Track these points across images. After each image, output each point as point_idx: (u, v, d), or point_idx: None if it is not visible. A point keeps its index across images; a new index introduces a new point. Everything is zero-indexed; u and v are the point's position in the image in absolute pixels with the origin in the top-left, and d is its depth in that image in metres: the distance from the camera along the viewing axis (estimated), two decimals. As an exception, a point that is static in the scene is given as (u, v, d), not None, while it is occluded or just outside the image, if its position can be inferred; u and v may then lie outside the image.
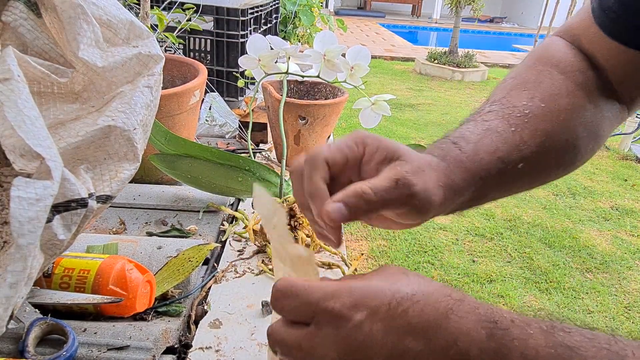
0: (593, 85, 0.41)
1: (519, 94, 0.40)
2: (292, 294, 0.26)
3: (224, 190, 0.73)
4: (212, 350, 0.49)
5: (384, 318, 0.24)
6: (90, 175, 0.34)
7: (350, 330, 0.24)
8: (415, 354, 0.24)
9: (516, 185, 0.40)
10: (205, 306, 0.55)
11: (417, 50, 7.44)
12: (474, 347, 0.24)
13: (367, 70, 0.82)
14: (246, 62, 0.84)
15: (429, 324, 0.24)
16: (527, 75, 0.42)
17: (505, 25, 12.60)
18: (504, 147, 0.36)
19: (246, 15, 1.11)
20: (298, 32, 2.31)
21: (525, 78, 0.41)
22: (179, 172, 0.71)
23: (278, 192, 0.71)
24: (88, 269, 0.49)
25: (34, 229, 0.26)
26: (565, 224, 2.58)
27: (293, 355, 0.26)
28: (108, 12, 0.40)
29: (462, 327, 0.25)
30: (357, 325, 0.24)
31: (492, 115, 0.39)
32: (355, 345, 0.24)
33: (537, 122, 0.38)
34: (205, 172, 0.69)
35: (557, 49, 0.43)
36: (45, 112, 0.36)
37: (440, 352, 0.24)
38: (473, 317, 0.25)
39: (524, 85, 0.41)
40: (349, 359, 0.24)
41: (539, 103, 0.39)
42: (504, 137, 0.37)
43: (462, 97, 5.05)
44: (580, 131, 0.40)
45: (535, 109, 0.39)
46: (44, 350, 0.44)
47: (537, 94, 0.40)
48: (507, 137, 0.37)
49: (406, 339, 0.24)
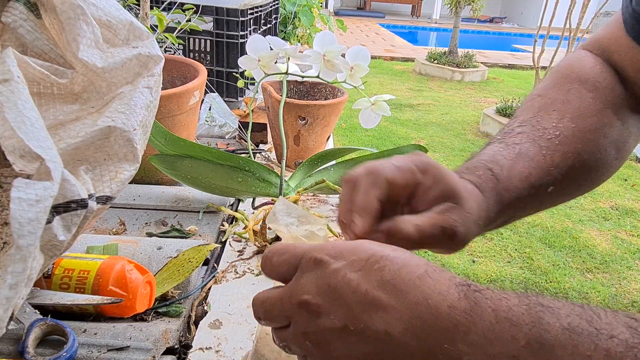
0: (621, 102, 0.41)
1: (549, 114, 0.40)
2: (281, 250, 0.28)
3: (224, 191, 0.73)
4: (212, 350, 0.49)
5: (360, 269, 0.25)
6: (90, 176, 0.34)
7: (327, 273, 0.26)
8: (384, 305, 0.25)
9: (543, 205, 0.40)
10: (205, 307, 0.55)
11: (417, 50, 7.45)
12: (444, 304, 0.24)
13: (367, 70, 0.83)
14: (246, 63, 0.84)
15: (402, 281, 0.25)
16: (556, 94, 0.41)
17: (504, 25, 12.61)
18: (536, 173, 0.37)
19: (246, 15, 1.11)
20: (298, 33, 2.31)
21: (554, 97, 0.41)
22: (179, 173, 0.70)
23: (278, 193, 0.71)
24: (88, 269, 0.49)
25: (34, 230, 0.26)
26: (565, 223, 2.58)
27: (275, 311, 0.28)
28: (108, 12, 0.40)
29: (434, 287, 0.25)
30: (334, 270, 0.26)
31: (522, 137, 0.38)
32: (331, 287, 0.25)
33: (567, 144, 0.38)
34: (205, 172, 0.69)
35: (584, 64, 0.43)
36: (45, 112, 0.36)
37: (408, 307, 0.24)
38: (447, 280, 0.26)
39: (553, 105, 0.40)
40: (323, 300, 0.26)
41: (568, 124, 0.39)
42: (536, 161, 0.37)
43: (462, 97, 5.05)
44: (608, 149, 0.40)
45: (565, 129, 0.39)
46: (44, 351, 0.44)
47: (566, 114, 0.40)
48: (539, 162, 0.37)
49: (377, 291, 0.25)
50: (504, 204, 0.35)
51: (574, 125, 0.39)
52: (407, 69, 6.21)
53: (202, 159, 0.68)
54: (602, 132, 0.39)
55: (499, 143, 0.39)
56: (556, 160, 0.38)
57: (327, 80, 0.84)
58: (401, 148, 0.72)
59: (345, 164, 0.75)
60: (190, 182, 0.71)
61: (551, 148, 0.38)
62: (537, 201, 0.38)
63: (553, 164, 0.38)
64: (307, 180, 0.76)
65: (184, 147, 0.67)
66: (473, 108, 4.63)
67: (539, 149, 0.38)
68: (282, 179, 0.71)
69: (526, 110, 0.42)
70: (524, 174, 0.36)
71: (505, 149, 0.38)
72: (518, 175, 0.36)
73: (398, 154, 0.71)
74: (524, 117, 0.41)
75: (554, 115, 0.40)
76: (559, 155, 0.38)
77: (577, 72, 0.42)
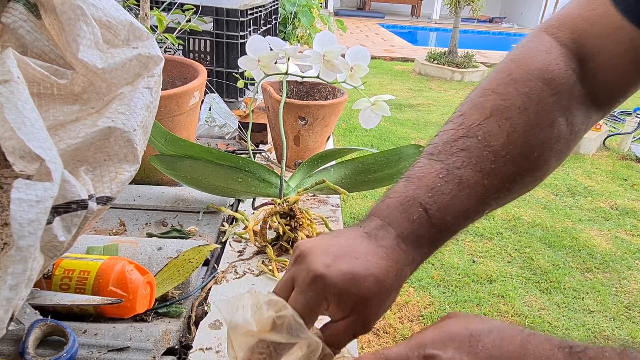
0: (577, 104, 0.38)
1: (500, 124, 0.36)
2: None
3: (224, 191, 0.72)
4: (212, 351, 0.49)
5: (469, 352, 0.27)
6: (90, 177, 0.34)
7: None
8: None
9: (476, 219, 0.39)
10: (205, 307, 0.55)
11: (417, 50, 7.44)
12: None
13: (367, 70, 0.82)
14: (246, 63, 0.84)
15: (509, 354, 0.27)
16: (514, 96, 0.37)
17: (504, 25, 12.61)
18: (475, 207, 0.36)
19: (246, 16, 1.11)
20: (298, 33, 2.31)
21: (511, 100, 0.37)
22: (179, 173, 0.70)
23: (278, 193, 0.71)
24: (88, 270, 0.49)
25: (34, 231, 0.26)
26: (565, 223, 2.58)
27: None
28: (108, 13, 0.40)
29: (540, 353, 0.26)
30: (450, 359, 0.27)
31: (465, 158, 0.36)
32: None
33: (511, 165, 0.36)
34: (205, 173, 0.69)
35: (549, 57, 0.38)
36: (45, 113, 0.36)
37: None
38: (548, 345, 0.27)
39: (508, 112, 0.36)
40: None
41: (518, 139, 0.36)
42: (476, 193, 0.36)
43: (462, 98, 5.01)
44: (550, 162, 0.39)
45: (514, 148, 0.36)
46: (44, 351, 0.44)
47: (519, 126, 0.36)
48: (479, 194, 0.36)
49: None
50: (435, 244, 0.36)
51: (525, 140, 0.36)
52: (407, 69, 6.21)
53: (202, 159, 0.67)
54: (549, 145, 0.37)
55: (439, 163, 0.37)
56: (497, 186, 0.36)
57: (327, 81, 0.84)
58: (401, 148, 0.72)
59: (345, 164, 0.75)
60: (190, 182, 0.71)
61: (492, 173, 0.36)
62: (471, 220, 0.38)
63: (492, 190, 0.36)
64: (307, 181, 0.75)
65: (184, 147, 0.67)
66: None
67: (480, 177, 0.36)
68: (282, 179, 0.71)
69: (475, 109, 0.38)
70: (462, 209, 0.36)
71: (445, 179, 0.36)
72: (454, 212, 0.35)
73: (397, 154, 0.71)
74: (472, 121, 0.37)
75: (505, 126, 0.36)
76: (499, 180, 0.36)
77: (540, 67, 0.37)
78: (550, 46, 0.39)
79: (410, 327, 1.72)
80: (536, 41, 0.40)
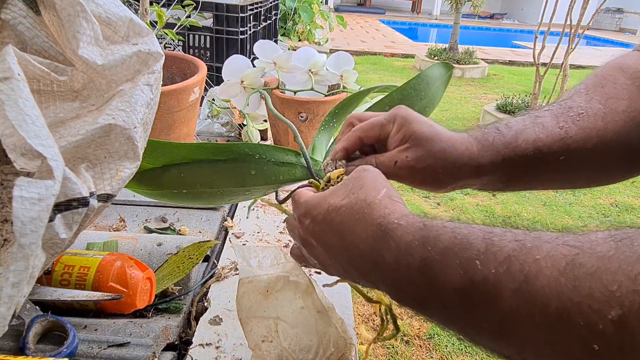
0: None
1: (579, 96, 0.41)
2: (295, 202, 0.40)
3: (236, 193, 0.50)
4: (212, 346, 0.49)
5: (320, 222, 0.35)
6: (91, 174, 0.34)
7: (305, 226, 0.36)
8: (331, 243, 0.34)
9: (557, 178, 0.41)
10: (205, 303, 0.55)
11: (417, 46, 7.42)
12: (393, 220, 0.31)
13: (356, 74, 0.81)
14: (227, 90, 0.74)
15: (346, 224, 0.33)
16: (593, 81, 0.42)
17: (505, 21, 12.56)
18: (545, 138, 0.39)
19: (245, 11, 1.11)
20: (298, 29, 2.30)
21: (589, 83, 0.42)
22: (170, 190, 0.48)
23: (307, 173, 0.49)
24: (88, 266, 0.49)
25: (36, 229, 0.26)
26: (565, 220, 2.58)
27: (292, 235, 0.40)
28: (107, 9, 0.40)
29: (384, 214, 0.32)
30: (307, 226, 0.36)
31: (546, 112, 0.41)
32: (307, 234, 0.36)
33: (588, 121, 0.39)
34: (204, 176, 0.48)
35: (631, 58, 0.43)
36: (45, 110, 0.36)
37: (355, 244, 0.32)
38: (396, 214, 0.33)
39: (587, 89, 0.42)
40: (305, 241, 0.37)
41: (595, 104, 0.40)
42: (549, 129, 0.39)
43: (462, 94, 5.04)
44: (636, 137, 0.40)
45: (590, 109, 0.40)
46: (45, 347, 0.44)
47: (595, 96, 0.40)
48: (552, 130, 0.39)
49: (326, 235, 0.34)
50: (501, 157, 0.39)
51: (601, 106, 0.40)
52: (408, 66, 6.19)
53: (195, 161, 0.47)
54: (631, 115, 0.39)
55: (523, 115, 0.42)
56: (570, 132, 0.39)
57: (323, 93, 0.82)
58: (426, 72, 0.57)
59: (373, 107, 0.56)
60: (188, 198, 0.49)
61: (569, 122, 0.39)
62: (548, 169, 0.39)
63: (567, 134, 0.39)
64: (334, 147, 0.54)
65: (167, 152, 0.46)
66: (473, 105, 4.62)
67: (556, 122, 0.39)
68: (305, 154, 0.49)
69: (563, 95, 0.44)
70: (532, 137, 0.39)
71: (524, 119, 0.41)
72: (524, 137, 0.39)
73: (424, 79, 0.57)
74: (558, 100, 0.43)
75: (583, 97, 0.41)
76: (575, 129, 0.39)
77: (620, 63, 0.43)
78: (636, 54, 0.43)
79: (410, 323, 1.73)
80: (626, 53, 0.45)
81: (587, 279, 0.22)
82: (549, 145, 0.38)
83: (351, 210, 0.32)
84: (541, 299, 0.23)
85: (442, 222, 0.29)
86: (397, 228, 0.30)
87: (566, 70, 3.53)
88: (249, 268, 0.46)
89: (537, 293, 0.23)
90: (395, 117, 0.39)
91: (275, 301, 0.45)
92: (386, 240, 0.30)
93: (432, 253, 0.27)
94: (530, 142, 0.39)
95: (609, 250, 0.22)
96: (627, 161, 0.41)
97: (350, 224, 0.32)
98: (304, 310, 0.44)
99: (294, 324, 0.44)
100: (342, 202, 0.33)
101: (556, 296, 0.22)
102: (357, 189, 0.33)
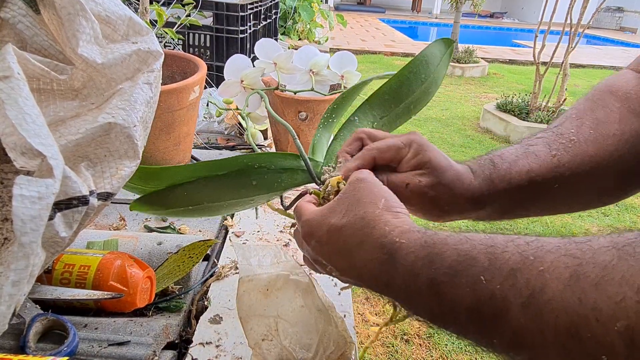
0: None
1: (570, 122, 0.42)
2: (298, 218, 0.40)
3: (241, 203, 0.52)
4: (212, 345, 0.49)
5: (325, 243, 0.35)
6: (90, 173, 0.34)
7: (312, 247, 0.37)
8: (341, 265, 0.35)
9: (554, 204, 0.42)
10: (205, 302, 0.56)
11: (417, 45, 7.42)
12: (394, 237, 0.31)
13: (359, 75, 0.80)
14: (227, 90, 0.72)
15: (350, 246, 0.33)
16: (584, 105, 0.43)
17: (505, 20, 12.56)
18: (538, 169, 0.39)
19: (245, 10, 1.11)
20: (298, 28, 2.30)
21: (580, 108, 0.43)
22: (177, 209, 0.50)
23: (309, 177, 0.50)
24: (88, 264, 0.49)
25: (36, 227, 0.26)
26: (565, 219, 2.59)
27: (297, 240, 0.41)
28: (107, 8, 0.40)
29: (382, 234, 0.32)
30: (314, 247, 0.36)
31: (538, 141, 0.42)
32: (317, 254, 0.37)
33: (580, 148, 0.40)
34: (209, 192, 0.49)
35: (621, 79, 0.43)
36: (45, 109, 0.36)
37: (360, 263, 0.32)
38: None
39: (578, 114, 0.42)
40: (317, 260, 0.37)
41: (587, 130, 0.40)
42: (542, 159, 0.40)
43: (462, 93, 5.04)
44: (628, 157, 0.40)
45: (582, 135, 0.40)
46: (45, 345, 0.44)
47: (586, 121, 0.41)
48: (545, 160, 0.40)
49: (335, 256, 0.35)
50: (497, 190, 0.40)
51: (592, 131, 0.40)
52: (407, 64, 6.18)
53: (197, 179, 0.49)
54: (623, 138, 0.40)
55: (516, 144, 0.43)
56: (563, 160, 0.39)
57: (324, 93, 0.81)
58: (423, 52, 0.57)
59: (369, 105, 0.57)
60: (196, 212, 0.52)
61: (561, 149, 0.40)
62: (544, 197, 0.40)
63: (560, 162, 0.39)
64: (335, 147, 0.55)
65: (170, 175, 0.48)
66: (473, 103, 4.62)
67: (548, 150, 0.40)
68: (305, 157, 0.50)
69: (555, 121, 0.44)
70: (525, 168, 0.40)
71: (517, 148, 0.41)
72: (517, 168, 0.40)
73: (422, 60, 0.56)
74: (549, 126, 0.43)
75: (575, 122, 0.42)
76: (568, 156, 0.39)
77: (611, 85, 0.43)
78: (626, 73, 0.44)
79: (410, 322, 1.73)
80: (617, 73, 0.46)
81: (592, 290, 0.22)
82: (542, 175, 0.39)
83: (353, 231, 0.33)
84: (549, 313, 0.23)
85: (443, 237, 0.30)
86: (399, 248, 0.30)
87: (566, 69, 3.53)
88: (249, 267, 0.46)
89: (544, 307, 0.23)
90: (412, 143, 0.40)
91: (275, 300, 0.45)
92: (393, 264, 0.30)
93: (439, 273, 0.28)
94: (524, 174, 0.39)
95: (611, 259, 0.23)
96: (623, 182, 0.41)
97: (354, 246, 0.32)
98: (304, 309, 0.45)
99: (294, 322, 0.44)
100: (342, 222, 0.33)
101: (563, 310, 0.23)
102: (354, 205, 0.34)
